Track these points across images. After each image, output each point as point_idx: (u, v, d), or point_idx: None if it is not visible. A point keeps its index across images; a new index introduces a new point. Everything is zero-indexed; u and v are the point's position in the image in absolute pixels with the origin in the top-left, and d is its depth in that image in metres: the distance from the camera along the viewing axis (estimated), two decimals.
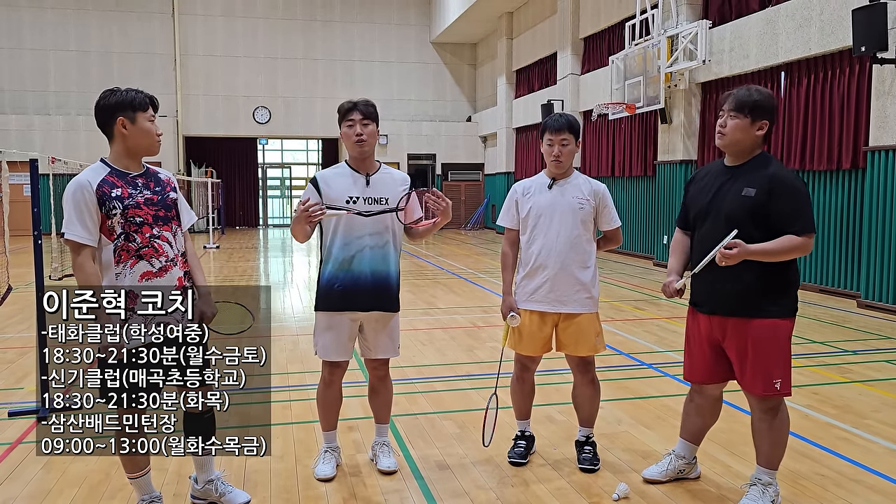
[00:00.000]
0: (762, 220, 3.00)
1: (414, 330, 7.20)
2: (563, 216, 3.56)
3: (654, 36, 12.66)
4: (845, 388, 5.20)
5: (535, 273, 3.59)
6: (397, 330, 3.64)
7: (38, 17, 21.40)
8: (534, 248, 3.60)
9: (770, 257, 2.99)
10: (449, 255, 15.59)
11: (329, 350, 3.52)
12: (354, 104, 3.48)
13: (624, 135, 14.83)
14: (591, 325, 3.60)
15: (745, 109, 3.05)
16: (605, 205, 3.64)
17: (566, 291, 3.55)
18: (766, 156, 3.14)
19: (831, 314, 8.18)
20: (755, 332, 3.07)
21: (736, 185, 3.09)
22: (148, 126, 2.98)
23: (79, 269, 2.90)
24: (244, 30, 22.84)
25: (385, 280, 3.50)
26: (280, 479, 3.57)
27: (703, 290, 3.20)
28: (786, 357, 3.11)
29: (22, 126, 20.77)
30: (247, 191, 25.49)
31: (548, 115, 3.66)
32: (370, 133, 3.46)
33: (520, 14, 20.56)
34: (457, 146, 24.39)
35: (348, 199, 3.43)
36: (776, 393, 3.09)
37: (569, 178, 3.64)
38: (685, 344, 3.38)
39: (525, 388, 3.81)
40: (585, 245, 3.59)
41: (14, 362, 5.99)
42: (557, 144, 3.55)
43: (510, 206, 3.72)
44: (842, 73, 9.28)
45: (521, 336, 3.65)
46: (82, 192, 2.88)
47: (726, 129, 3.10)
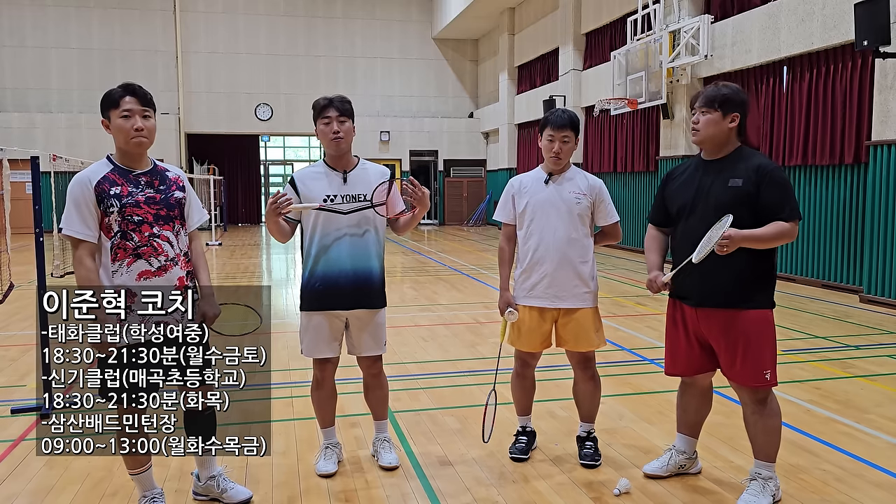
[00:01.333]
0: (750, 208, 3.05)
1: (416, 326, 7.20)
2: (559, 211, 3.55)
3: (656, 31, 12.63)
4: (847, 382, 5.19)
5: (533, 269, 3.58)
6: (383, 327, 3.60)
7: (40, 15, 21.41)
8: (531, 243, 3.59)
9: (761, 243, 3.04)
10: (451, 251, 15.59)
11: (314, 348, 3.51)
12: (330, 101, 3.44)
13: (626, 130, 14.81)
14: (591, 320, 3.60)
15: (715, 104, 3.13)
16: (601, 199, 3.63)
17: (564, 287, 3.55)
18: (745, 149, 3.21)
19: (833, 309, 8.17)
20: (746, 323, 3.09)
21: (720, 176, 3.14)
22: (119, 123, 2.93)
23: (78, 264, 2.93)
24: (246, 27, 22.84)
25: (367, 276, 3.46)
26: (281, 475, 3.58)
27: (690, 283, 3.21)
28: (773, 347, 3.14)
29: (24, 124, 20.79)
30: (249, 188, 25.49)
31: (550, 110, 3.64)
32: (346, 130, 3.43)
33: (521, 10, 20.53)
34: (459, 142, 24.39)
35: (325, 197, 3.41)
36: (766, 384, 3.11)
37: (566, 173, 3.63)
38: (666, 338, 3.40)
39: (525, 384, 3.81)
40: (583, 240, 3.58)
41: (17, 360, 6.01)
42: (558, 141, 3.55)
43: (507, 201, 3.72)
44: (844, 67, 9.26)
45: (521, 332, 3.65)
46: (81, 189, 2.91)
47: (699, 124, 3.19)
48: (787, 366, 5.41)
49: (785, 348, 3.34)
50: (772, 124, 10.60)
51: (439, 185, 24.24)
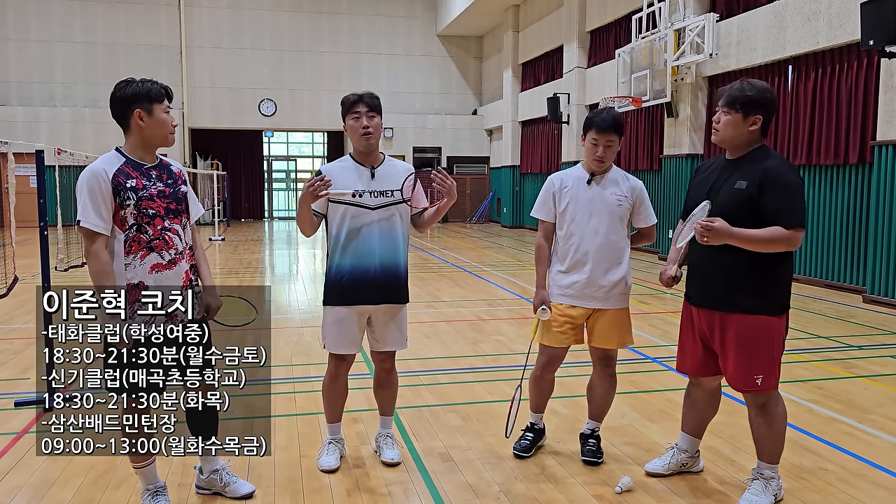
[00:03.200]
0: (753, 212, 2.97)
1: (418, 323, 7.21)
2: (601, 213, 3.54)
3: (660, 29, 12.60)
4: (850, 383, 5.18)
5: (573, 269, 3.57)
6: (406, 321, 3.63)
7: (44, 9, 21.41)
8: (571, 243, 3.57)
9: (753, 245, 2.96)
10: (454, 248, 15.59)
11: (338, 344, 3.51)
12: (360, 97, 3.46)
13: (630, 128, 14.78)
14: (623, 319, 3.61)
15: (737, 105, 3.05)
16: (642, 201, 3.63)
17: (601, 287, 3.54)
18: (765, 149, 3.12)
19: (837, 309, 8.15)
20: (736, 327, 3.06)
21: (731, 177, 3.09)
22: (164, 118, 2.99)
23: (93, 258, 2.89)
24: (250, 22, 22.82)
25: (395, 271, 3.49)
26: (284, 470, 3.59)
27: (693, 283, 3.21)
28: (770, 353, 3.07)
29: (28, 118, 20.80)
30: (252, 183, 25.52)
31: (554, 108, 3.63)
32: (376, 126, 3.45)
33: (526, 7, 20.49)
34: (462, 139, 24.36)
35: (354, 192, 3.42)
36: (756, 389, 3.07)
37: (608, 174, 3.61)
38: (679, 335, 3.39)
39: (543, 385, 3.78)
40: (621, 242, 3.58)
41: (20, 353, 6.02)
42: (602, 145, 3.52)
43: (546, 198, 3.68)
44: (849, 66, 9.23)
45: (551, 328, 3.63)
46: (97, 181, 2.87)
47: (720, 125, 3.12)
48: (790, 365, 5.41)
49: (788, 348, 3.33)
50: (776, 124, 10.57)
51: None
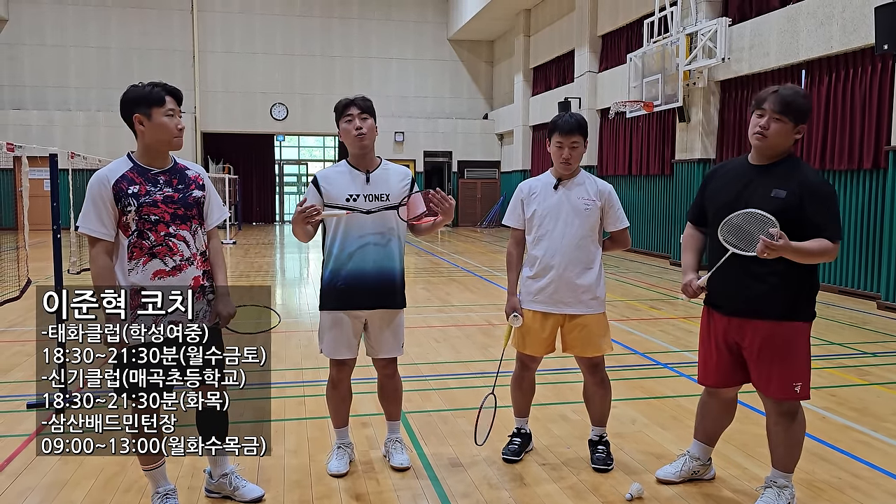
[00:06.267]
0: (790, 223, 2.91)
1: (428, 327, 7.20)
2: (568, 217, 3.53)
3: (672, 33, 12.56)
4: (864, 390, 5.13)
5: (540, 274, 3.56)
6: (402, 327, 3.60)
7: (59, 14, 21.63)
8: (539, 248, 3.57)
9: (804, 258, 2.92)
10: (464, 252, 15.58)
11: (334, 348, 3.51)
12: (351, 100, 3.48)
13: (641, 133, 14.74)
14: (597, 326, 3.57)
15: (791, 114, 2.92)
16: (611, 205, 3.60)
17: (571, 293, 3.53)
18: (795, 158, 3.06)
19: (851, 315, 8.08)
20: (779, 335, 3.02)
21: (764, 184, 3.01)
22: (163, 122, 2.98)
23: (92, 262, 2.96)
24: (262, 26, 22.96)
25: (390, 276, 3.47)
26: (293, 474, 3.59)
27: (724, 291, 3.13)
28: (807, 360, 3.07)
29: (43, 121, 21.01)
30: (264, 187, 25.60)
31: (557, 115, 3.61)
32: (369, 127, 3.46)
33: (537, 11, 20.49)
34: (473, 144, 24.37)
35: (348, 196, 3.42)
36: (795, 396, 3.05)
37: (575, 178, 3.60)
38: (699, 346, 3.33)
39: (524, 387, 3.79)
40: (591, 246, 3.56)
41: (33, 355, 6.06)
42: (567, 147, 3.53)
43: (516, 205, 3.70)
44: (863, 71, 9.16)
45: (524, 336, 3.64)
46: (99, 187, 2.93)
47: (769, 131, 2.95)
48: None
49: None
50: None
51: (453, 187, 24.23)
